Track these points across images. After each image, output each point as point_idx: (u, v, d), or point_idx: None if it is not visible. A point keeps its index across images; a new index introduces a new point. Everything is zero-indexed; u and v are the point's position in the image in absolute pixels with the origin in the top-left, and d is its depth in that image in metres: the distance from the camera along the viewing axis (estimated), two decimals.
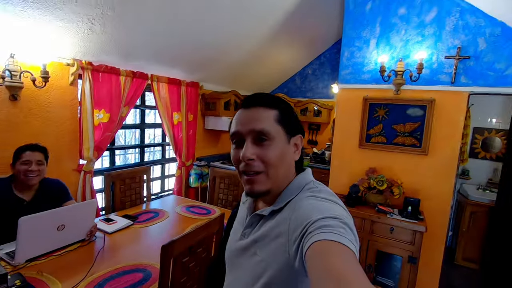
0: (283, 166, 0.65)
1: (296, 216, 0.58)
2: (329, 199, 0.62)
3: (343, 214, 0.56)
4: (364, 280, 0.41)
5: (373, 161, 2.52)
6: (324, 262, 0.44)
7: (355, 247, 0.49)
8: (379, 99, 2.45)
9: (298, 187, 0.67)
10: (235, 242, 0.74)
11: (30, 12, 1.68)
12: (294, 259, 0.55)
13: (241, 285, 0.68)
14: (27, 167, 1.56)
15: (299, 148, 0.68)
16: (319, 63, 4.40)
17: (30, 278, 1.23)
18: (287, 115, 0.67)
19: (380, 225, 2.19)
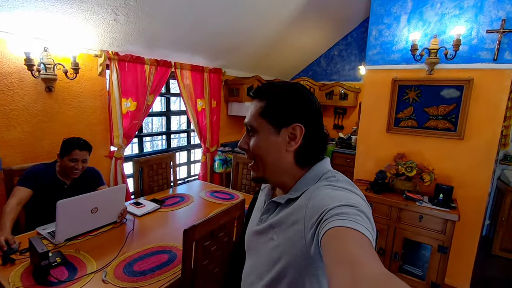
0: (270, 156, 0.67)
1: (312, 204, 0.59)
2: (346, 188, 0.61)
3: (360, 202, 0.56)
4: (379, 265, 0.40)
5: (402, 147, 2.40)
6: (339, 247, 0.44)
7: (371, 235, 0.49)
8: (409, 80, 2.30)
9: (315, 176, 0.67)
10: (253, 227, 0.76)
11: (59, 6, 1.75)
12: (310, 245, 0.56)
13: (259, 269, 0.70)
14: (74, 164, 1.70)
15: (296, 138, 0.65)
16: (346, 43, 4.20)
17: (69, 255, 1.34)
18: (276, 106, 0.66)
19: (408, 212, 2.10)
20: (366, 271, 0.38)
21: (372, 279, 0.36)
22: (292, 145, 0.65)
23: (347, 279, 0.38)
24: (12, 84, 1.86)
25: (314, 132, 0.67)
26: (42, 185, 1.67)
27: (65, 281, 1.17)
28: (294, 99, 0.66)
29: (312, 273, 0.59)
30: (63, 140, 1.75)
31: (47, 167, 1.76)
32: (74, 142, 1.72)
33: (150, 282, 1.20)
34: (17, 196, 1.56)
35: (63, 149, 1.71)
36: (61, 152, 1.72)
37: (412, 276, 2.14)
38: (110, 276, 1.22)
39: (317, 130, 0.67)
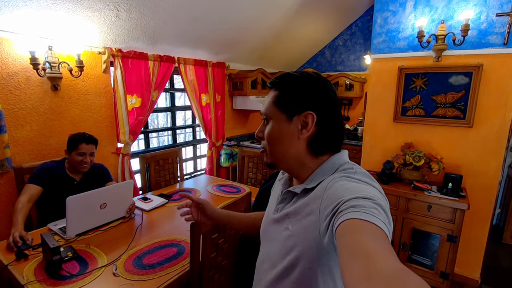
0: (282, 144, 0.68)
1: (328, 195, 0.58)
2: (363, 180, 0.60)
3: (376, 195, 0.55)
4: (394, 259, 0.39)
5: (410, 136, 2.36)
6: (354, 239, 0.44)
7: (387, 229, 0.48)
8: (416, 68, 2.25)
9: (332, 167, 0.66)
10: (269, 216, 0.76)
11: (61, 4, 1.75)
12: (323, 236, 0.56)
13: (273, 258, 0.71)
14: (82, 158, 1.75)
15: (308, 125, 0.65)
16: (350, 33, 4.12)
17: (80, 250, 1.37)
18: (288, 94, 0.67)
19: (416, 202, 2.08)
20: (381, 265, 0.37)
21: (387, 273, 0.35)
22: (304, 133, 0.65)
23: (361, 272, 0.37)
24: (19, 84, 1.88)
25: (328, 120, 0.66)
26: (52, 182, 1.71)
27: (77, 274, 1.20)
28: (306, 87, 0.66)
29: (325, 263, 0.59)
30: (69, 136, 1.78)
31: (56, 164, 1.79)
32: (80, 137, 1.76)
33: (159, 275, 1.22)
34: (27, 194, 1.60)
35: (70, 144, 1.74)
36: (68, 148, 1.75)
37: (421, 266, 2.13)
38: (120, 270, 1.24)
39: (332, 119, 0.66)
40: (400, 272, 0.35)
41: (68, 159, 1.78)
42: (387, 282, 0.33)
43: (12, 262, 1.26)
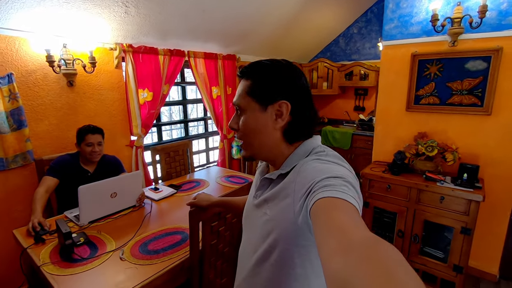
0: (258, 134, 0.68)
1: (301, 178, 0.60)
2: (334, 161, 0.63)
3: (346, 174, 0.57)
4: (365, 230, 0.41)
5: (423, 125, 2.27)
6: (327, 216, 0.46)
7: (357, 203, 0.51)
8: (430, 54, 2.15)
9: (305, 151, 0.68)
10: (249, 203, 0.79)
11: (73, 2, 1.82)
12: (298, 216, 0.58)
13: (253, 243, 0.73)
14: (91, 148, 1.85)
15: (283, 114, 0.65)
16: (366, 20, 3.98)
17: (91, 236, 1.46)
18: (261, 83, 0.66)
19: (428, 194, 2.01)
20: (353, 236, 0.39)
21: (359, 243, 0.37)
22: (279, 122, 0.66)
23: (335, 245, 0.38)
24: (37, 81, 2.00)
25: (301, 108, 0.67)
26: (68, 174, 1.82)
27: (87, 258, 1.28)
28: (279, 75, 0.66)
29: (301, 244, 0.62)
30: (76, 130, 1.89)
31: (71, 157, 1.91)
32: (85, 128, 1.87)
33: (162, 260, 1.27)
34: (45, 185, 1.72)
35: (78, 137, 1.86)
36: (77, 141, 1.87)
37: (433, 259, 2.07)
38: (126, 254, 1.31)
39: (305, 107, 0.67)
40: (372, 240, 0.37)
41: (80, 151, 1.89)
42: (361, 251, 0.35)
43: (30, 246, 1.37)
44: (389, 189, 2.18)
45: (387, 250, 0.34)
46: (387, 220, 2.29)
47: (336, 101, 4.53)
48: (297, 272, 0.64)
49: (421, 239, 2.10)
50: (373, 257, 0.33)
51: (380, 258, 0.33)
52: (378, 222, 2.33)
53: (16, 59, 1.88)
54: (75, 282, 1.14)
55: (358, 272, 0.32)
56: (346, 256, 0.35)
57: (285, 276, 0.65)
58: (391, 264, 0.31)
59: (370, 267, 0.32)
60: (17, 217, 1.97)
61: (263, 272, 0.68)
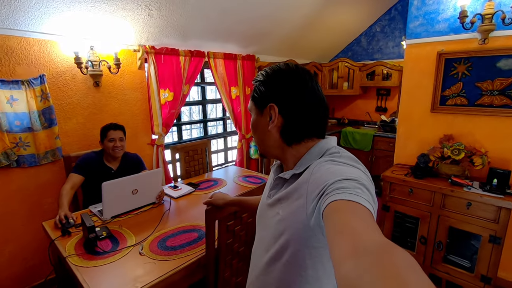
0: (259, 135, 0.73)
1: (314, 179, 0.60)
2: (348, 163, 0.62)
3: (361, 176, 0.56)
4: (379, 234, 0.40)
5: (449, 127, 2.17)
6: (340, 219, 0.45)
7: (372, 207, 0.49)
8: (458, 52, 2.05)
9: (319, 152, 0.68)
10: (263, 202, 0.80)
11: (99, 6, 1.91)
12: (310, 218, 0.58)
13: (265, 242, 0.73)
14: (113, 143, 1.93)
15: (273, 116, 0.68)
16: (389, 18, 3.87)
17: (113, 230, 1.52)
18: (257, 89, 0.71)
19: (453, 199, 1.92)
20: (366, 240, 0.38)
21: (373, 247, 0.36)
22: (271, 124, 0.69)
23: (347, 248, 0.38)
24: (66, 81, 2.11)
25: (293, 109, 0.67)
26: (92, 172, 1.90)
27: (109, 251, 1.33)
28: (271, 80, 0.69)
29: (313, 245, 0.61)
30: (100, 128, 1.98)
31: (96, 155, 1.99)
32: (107, 126, 1.97)
33: (179, 256, 1.30)
34: (71, 182, 1.81)
35: (101, 135, 1.96)
36: (101, 138, 1.96)
37: (459, 268, 1.97)
38: (145, 250, 1.35)
39: (298, 108, 0.67)
40: (385, 245, 0.36)
41: (103, 148, 1.98)
42: (373, 256, 0.34)
43: (57, 238, 1.45)
44: (411, 193, 2.10)
45: (400, 255, 0.33)
46: (408, 225, 2.21)
47: (356, 102, 4.43)
48: (309, 274, 0.64)
49: (445, 246, 2.01)
50: (385, 263, 0.32)
51: (392, 263, 0.32)
52: (399, 227, 2.25)
53: (48, 61, 2.00)
54: (98, 274, 1.19)
55: (369, 277, 0.31)
56: (358, 260, 0.35)
57: (297, 277, 0.65)
58: (403, 270, 0.31)
59: (382, 272, 0.31)
60: (47, 209, 2.09)
61: (275, 271, 0.69)
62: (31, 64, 1.93)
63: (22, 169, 1.96)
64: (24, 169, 1.97)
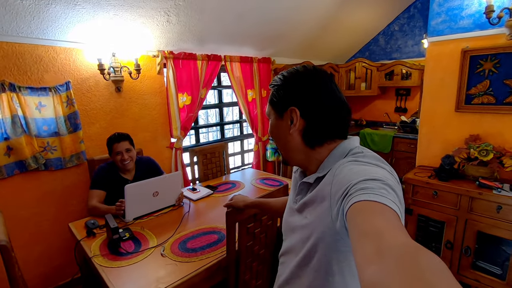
0: (280, 140, 0.73)
1: (337, 180, 0.59)
2: (372, 162, 0.60)
3: (386, 176, 0.54)
4: (405, 236, 0.38)
5: (476, 127, 2.08)
6: (364, 221, 0.44)
7: (398, 208, 0.47)
8: (484, 49, 1.96)
9: (342, 153, 0.66)
10: (289, 208, 0.79)
11: (120, 14, 1.97)
12: (335, 220, 0.56)
13: (295, 247, 0.72)
14: (120, 157, 1.87)
15: (294, 120, 0.67)
16: (408, 16, 3.77)
17: (135, 232, 1.55)
18: (275, 93, 0.71)
19: (482, 202, 1.83)
20: (391, 242, 0.37)
21: (398, 249, 0.34)
22: (292, 127, 0.68)
23: (371, 250, 0.37)
24: (90, 87, 2.19)
25: (315, 111, 0.66)
26: (110, 184, 1.87)
27: (132, 252, 1.36)
28: (290, 83, 0.69)
29: (340, 250, 0.60)
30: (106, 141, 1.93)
31: (109, 166, 1.93)
32: (111, 139, 1.89)
33: (200, 258, 1.31)
34: (95, 198, 1.80)
35: (108, 148, 1.91)
36: (108, 152, 1.91)
37: (489, 275, 1.88)
38: (167, 251, 1.37)
39: (320, 109, 0.66)
40: (411, 247, 0.34)
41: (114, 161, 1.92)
42: (398, 258, 0.33)
43: (83, 238, 1.49)
44: (435, 196, 2.02)
45: (428, 258, 0.32)
46: (433, 230, 2.12)
47: (375, 102, 4.33)
48: (336, 280, 0.62)
49: (474, 252, 1.91)
50: (412, 266, 0.31)
51: (419, 267, 0.30)
52: (423, 231, 2.17)
53: (73, 68, 2.08)
54: (122, 275, 1.22)
55: (394, 281, 0.30)
56: (382, 263, 0.33)
57: (324, 282, 0.64)
58: (431, 274, 0.29)
59: (408, 276, 0.29)
60: (72, 211, 2.17)
61: (305, 276, 0.68)
62: (58, 71, 2.02)
63: (50, 172, 2.05)
64: (51, 172, 2.06)
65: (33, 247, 2.04)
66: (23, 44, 1.86)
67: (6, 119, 1.80)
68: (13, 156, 1.87)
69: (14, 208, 1.92)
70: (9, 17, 1.68)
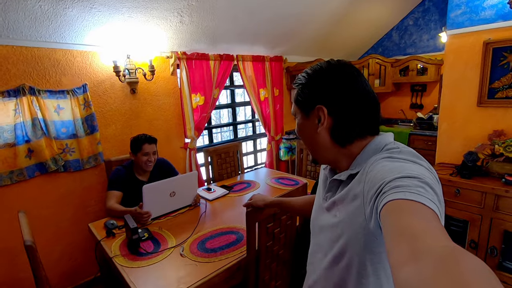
0: (307, 138, 0.71)
1: (370, 177, 0.55)
2: (408, 159, 0.56)
3: (423, 173, 0.50)
4: (445, 238, 0.36)
5: (500, 122, 2.00)
6: (399, 220, 0.41)
7: (437, 208, 0.44)
8: (508, 40, 1.88)
9: (375, 148, 0.63)
10: (318, 206, 0.77)
11: (134, 16, 1.99)
12: (369, 220, 0.53)
13: (324, 246, 0.70)
14: (147, 158, 1.89)
15: (322, 118, 0.64)
16: (423, 10, 3.67)
17: (154, 232, 1.56)
18: (300, 92, 0.69)
19: (509, 200, 1.76)
20: (429, 244, 0.34)
21: (437, 252, 0.32)
22: (320, 126, 0.65)
23: (407, 252, 0.34)
24: (106, 89, 2.22)
25: (343, 109, 0.63)
26: (127, 185, 1.89)
27: (151, 252, 1.37)
28: (315, 80, 0.66)
29: (374, 251, 0.57)
30: (131, 139, 1.94)
31: (125, 169, 1.94)
32: (142, 139, 1.89)
33: (220, 259, 1.30)
34: (113, 198, 1.81)
35: (134, 147, 1.89)
36: (132, 150, 1.90)
37: None
38: (186, 251, 1.37)
39: (348, 106, 0.63)
40: (452, 250, 0.32)
41: (134, 160, 1.92)
42: (437, 262, 0.30)
43: (103, 238, 1.51)
44: (458, 194, 1.95)
45: (471, 262, 0.29)
46: (455, 229, 2.06)
47: (389, 99, 4.24)
48: (370, 281, 0.60)
49: (500, 252, 1.84)
50: (452, 270, 0.28)
51: (460, 270, 0.28)
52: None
53: (89, 71, 2.11)
54: (143, 275, 1.22)
55: (432, 284, 0.28)
56: (419, 265, 0.31)
57: (357, 284, 0.61)
58: (473, 279, 0.27)
59: (447, 280, 0.27)
60: (90, 211, 2.20)
61: (334, 277, 0.66)
62: (75, 74, 2.05)
63: (68, 173, 2.09)
64: (70, 174, 2.09)
65: (54, 246, 2.08)
66: (41, 49, 1.90)
67: (27, 122, 1.84)
68: (34, 158, 1.91)
69: (36, 208, 1.97)
70: (28, 22, 1.71)
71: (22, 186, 1.90)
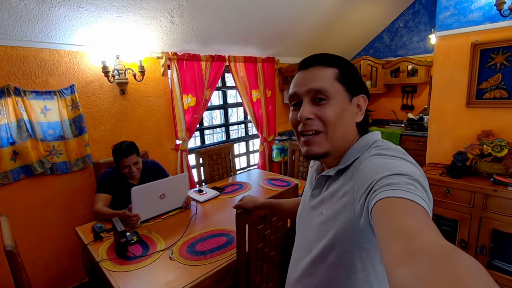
0: (342, 127, 0.62)
1: (360, 175, 0.56)
2: (397, 156, 0.56)
3: (413, 171, 0.51)
4: (438, 236, 0.36)
5: (488, 122, 2.03)
6: (391, 219, 0.41)
7: (427, 205, 0.44)
8: (495, 42, 1.91)
9: (364, 145, 0.63)
10: (305, 203, 0.76)
11: (124, 16, 1.96)
12: (359, 217, 0.53)
13: (307, 244, 0.70)
14: (128, 169, 1.83)
15: (362, 109, 0.65)
16: (413, 12, 3.72)
17: (143, 235, 1.53)
18: (348, 73, 0.63)
19: (497, 199, 1.78)
20: (423, 243, 0.34)
21: (432, 251, 0.32)
22: (359, 115, 0.65)
23: (401, 252, 0.34)
24: (94, 90, 2.18)
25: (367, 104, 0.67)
26: (116, 188, 1.84)
27: (140, 256, 1.34)
28: (356, 70, 0.67)
29: (362, 247, 0.57)
30: (111, 148, 1.87)
31: (114, 171, 1.89)
32: (118, 151, 1.80)
33: (210, 261, 1.28)
34: (101, 202, 1.76)
35: (114, 158, 1.84)
36: (114, 160, 1.86)
37: (506, 274, 1.82)
38: (176, 254, 1.34)
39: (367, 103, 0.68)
40: (446, 248, 0.32)
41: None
42: (432, 261, 0.30)
43: (90, 242, 1.47)
44: (448, 194, 1.97)
45: (465, 260, 0.29)
46: (446, 228, 2.07)
47: (381, 100, 4.27)
48: (358, 277, 0.59)
49: (489, 250, 1.86)
50: (447, 270, 0.28)
51: (454, 269, 0.28)
52: None
53: (77, 71, 2.07)
54: (131, 279, 1.19)
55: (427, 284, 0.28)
56: (414, 265, 0.31)
57: (345, 280, 0.61)
58: (468, 277, 0.27)
59: (442, 279, 0.27)
60: (78, 215, 2.16)
61: (319, 273, 0.65)
62: (62, 75, 2.01)
63: (56, 176, 2.04)
64: (57, 176, 2.05)
65: (40, 251, 2.03)
66: (27, 48, 1.85)
67: (11, 123, 1.79)
68: (19, 160, 1.86)
69: (21, 212, 1.91)
70: (13, 21, 1.67)
71: (7, 189, 1.84)
